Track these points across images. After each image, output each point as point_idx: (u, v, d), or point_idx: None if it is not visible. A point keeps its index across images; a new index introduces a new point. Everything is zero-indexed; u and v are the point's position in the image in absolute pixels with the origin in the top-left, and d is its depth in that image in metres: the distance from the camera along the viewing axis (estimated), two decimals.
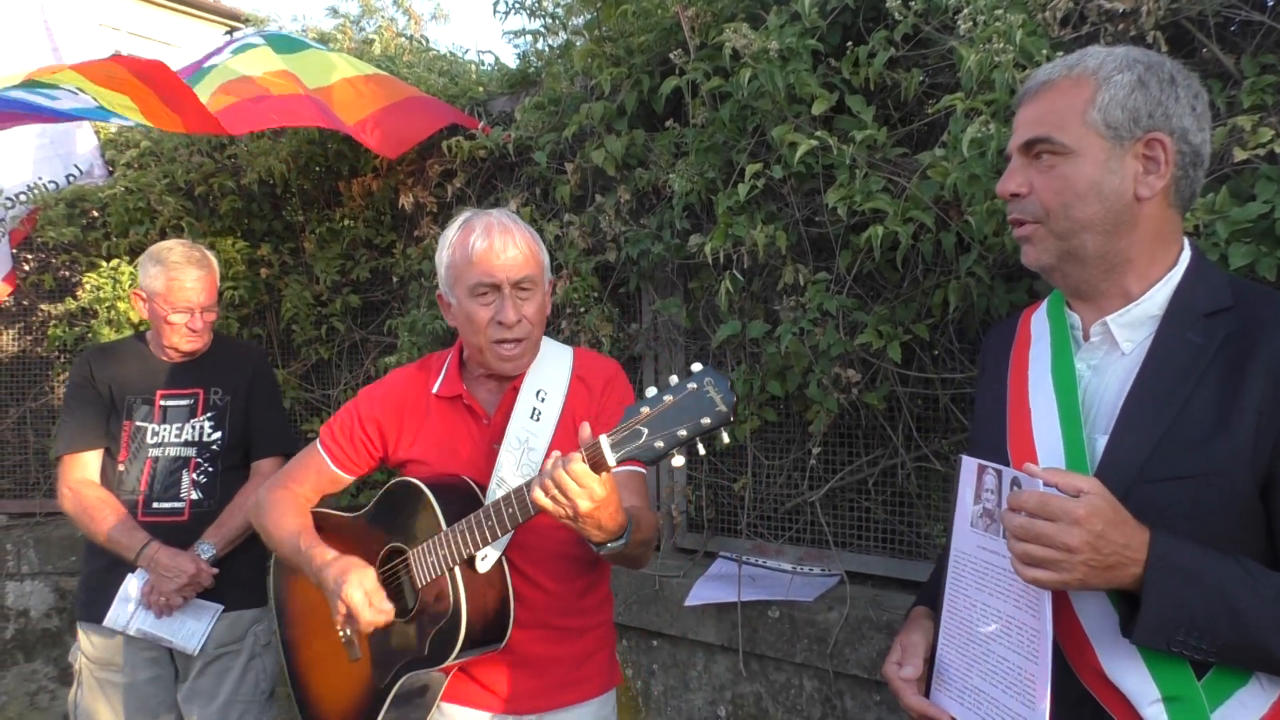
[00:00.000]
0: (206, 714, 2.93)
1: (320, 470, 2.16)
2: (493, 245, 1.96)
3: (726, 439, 1.58)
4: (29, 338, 4.53)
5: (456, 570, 1.88)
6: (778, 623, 2.77)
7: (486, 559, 1.93)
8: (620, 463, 1.58)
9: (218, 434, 2.94)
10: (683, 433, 1.54)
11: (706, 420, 1.54)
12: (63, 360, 4.40)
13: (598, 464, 1.59)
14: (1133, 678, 1.28)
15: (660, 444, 1.55)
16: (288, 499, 2.16)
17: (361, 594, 1.90)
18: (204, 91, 3.15)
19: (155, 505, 2.89)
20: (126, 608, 2.80)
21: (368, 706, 2.06)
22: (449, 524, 1.89)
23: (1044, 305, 1.55)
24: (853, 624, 2.63)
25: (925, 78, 2.38)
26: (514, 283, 1.97)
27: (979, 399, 1.67)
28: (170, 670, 2.93)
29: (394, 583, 2.03)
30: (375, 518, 2.08)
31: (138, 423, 2.94)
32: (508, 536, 1.88)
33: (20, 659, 4.17)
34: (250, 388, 3.01)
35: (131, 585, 2.81)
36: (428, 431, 2.08)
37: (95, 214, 4.32)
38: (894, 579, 2.75)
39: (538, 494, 1.64)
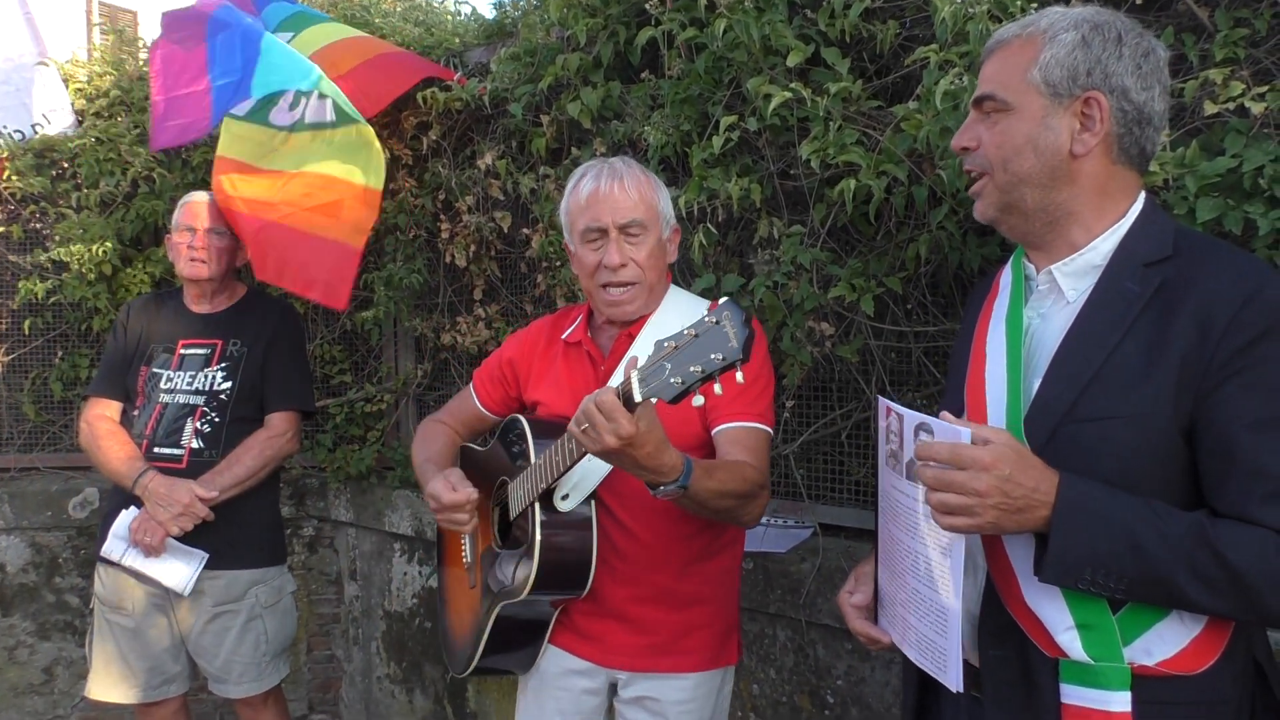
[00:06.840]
0: (211, 670, 2.98)
1: (468, 407, 2.31)
2: (599, 189, 1.98)
3: (740, 379, 1.47)
4: None
5: (536, 506, 1.90)
6: (751, 574, 2.80)
7: (569, 499, 1.92)
8: (647, 399, 1.50)
9: (228, 384, 2.96)
10: (696, 369, 1.44)
11: (718, 357, 1.43)
12: (32, 313, 4.35)
13: (630, 400, 1.51)
14: (1049, 607, 1.34)
15: (677, 380, 1.45)
16: (436, 431, 2.28)
17: (441, 481, 2.00)
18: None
19: (157, 450, 2.92)
20: (120, 541, 2.84)
21: (475, 633, 2.11)
22: (537, 458, 1.90)
23: (1011, 258, 1.58)
24: (825, 575, 2.66)
25: (901, 30, 2.36)
26: (620, 226, 1.98)
27: (953, 350, 1.70)
28: (174, 619, 2.95)
29: (505, 514, 2.07)
30: (495, 451, 2.14)
31: (154, 369, 2.99)
32: (571, 474, 1.85)
33: None
34: (271, 341, 3.03)
35: (125, 519, 2.84)
36: (553, 374, 2.15)
37: (65, 165, 4.24)
38: (866, 531, 2.78)
39: (572, 425, 1.60)
